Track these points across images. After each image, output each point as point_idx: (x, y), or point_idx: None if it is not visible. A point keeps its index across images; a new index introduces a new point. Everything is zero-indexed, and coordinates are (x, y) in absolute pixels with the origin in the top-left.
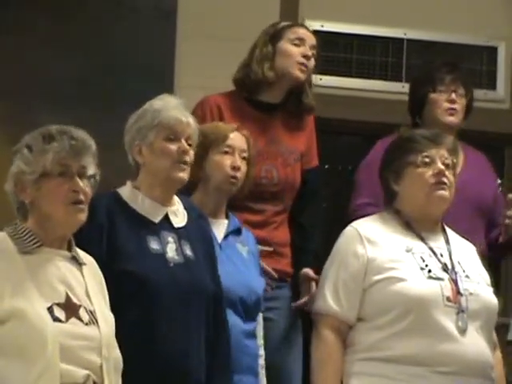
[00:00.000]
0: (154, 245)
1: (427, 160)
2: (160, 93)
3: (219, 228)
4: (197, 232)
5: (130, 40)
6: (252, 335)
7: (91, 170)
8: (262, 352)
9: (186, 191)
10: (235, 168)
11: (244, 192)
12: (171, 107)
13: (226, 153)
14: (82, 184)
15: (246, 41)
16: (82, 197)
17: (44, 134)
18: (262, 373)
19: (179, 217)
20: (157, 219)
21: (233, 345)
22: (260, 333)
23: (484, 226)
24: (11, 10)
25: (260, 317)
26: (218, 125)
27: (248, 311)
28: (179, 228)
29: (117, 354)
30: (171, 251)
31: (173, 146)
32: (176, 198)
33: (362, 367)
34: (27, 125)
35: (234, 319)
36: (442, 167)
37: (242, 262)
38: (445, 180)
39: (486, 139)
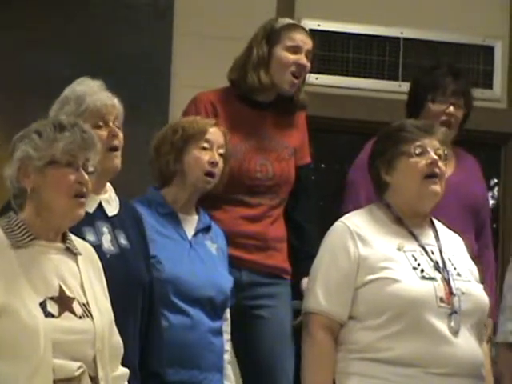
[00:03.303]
0: (89, 237)
1: (420, 150)
2: (157, 91)
3: (189, 225)
4: (129, 217)
5: (127, 38)
6: (218, 333)
7: (92, 166)
8: (228, 347)
9: (159, 185)
10: (213, 163)
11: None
12: (94, 91)
13: (205, 148)
14: (87, 177)
15: (243, 40)
16: (84, 190)
17: (55, 123)
18: (229, 368)
19: (112, 205)
20: (91, 209)
21: (199, 342)
22: (227, 328)
23: (474, 227)
24: (9, 9)
25: (227, 313)
26: (197, 119)
27: (215, 309)
28: (113, 216)
29: (115, 341)
30: (106, 242)
31: (103, 132)
32: (108, 185)
33: (357, 368)
34: (26, 125)
35: (200, 317)
36: (436, 157)
37: (211, 260)
38: (437, 171)
39: (483, 138)
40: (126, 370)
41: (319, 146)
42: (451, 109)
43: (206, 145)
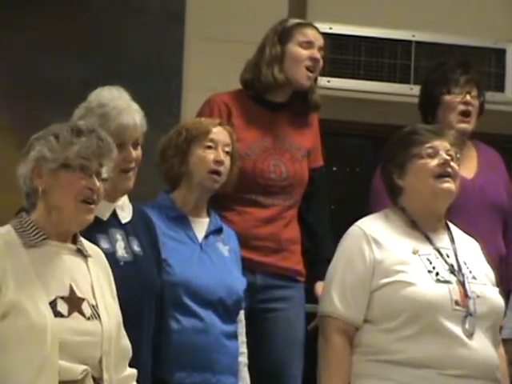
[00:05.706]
0: (103, 244)
1: (431, 151)
2: (169, 94)
3: (200, 227)
4: (141, 222)
5: (139, 42)
6: (232, 336)
7: (106, 172)
8: (244, 350)
9: (169, 188)
10: (218, 162)
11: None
12: (119, 111)
13: (209, 147)
14: (99, 184)
15: (255, 43)
16: (95, 196)
17: (73, 127)
18: (245, 370)
19: (125, 211)
20: (105, 217)
21: (211, 345)
22: (242, 330)
23: (502, 226)
24: (13, 10)
25: (242, 315)
26: (201, 120)
27: (228, 312)
28: (126, 223)
29: (123, 344)
30: (120, 249)
31: (118, 157)
32: None
33: (372, 370)
34: (37, 129)
35: (213, 320)
36: (447, 157)
37: (222, 262)
38: (449, 170)
39: (494, 141)
40: (133, 371)
41: (330, 150)
42: (468, 97)
43: (210, 144)
